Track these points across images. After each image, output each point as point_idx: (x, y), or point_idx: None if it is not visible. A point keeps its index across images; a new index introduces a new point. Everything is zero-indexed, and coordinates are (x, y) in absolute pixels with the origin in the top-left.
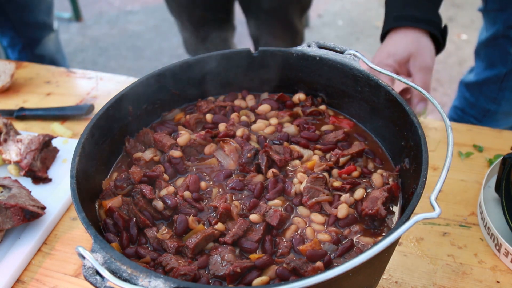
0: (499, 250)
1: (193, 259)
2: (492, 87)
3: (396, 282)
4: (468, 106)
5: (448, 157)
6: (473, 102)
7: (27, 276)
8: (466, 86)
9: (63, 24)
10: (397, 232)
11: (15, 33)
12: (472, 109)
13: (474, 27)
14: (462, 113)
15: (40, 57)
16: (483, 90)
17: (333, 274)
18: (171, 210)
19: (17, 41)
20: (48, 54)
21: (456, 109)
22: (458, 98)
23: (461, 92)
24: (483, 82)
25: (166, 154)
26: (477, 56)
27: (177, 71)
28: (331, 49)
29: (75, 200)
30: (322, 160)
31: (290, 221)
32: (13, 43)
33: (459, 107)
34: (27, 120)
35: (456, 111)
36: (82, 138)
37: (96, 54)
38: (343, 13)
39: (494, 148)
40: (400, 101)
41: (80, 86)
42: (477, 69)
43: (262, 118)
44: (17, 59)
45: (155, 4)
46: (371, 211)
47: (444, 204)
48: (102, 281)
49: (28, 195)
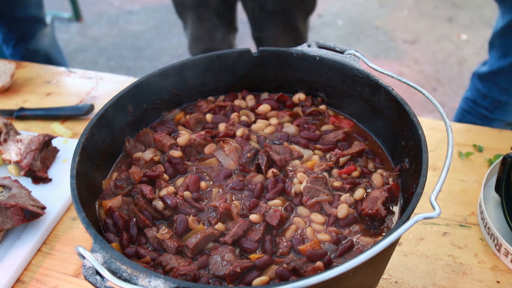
0: (499, 250)
1: (193, 259)
2: (506, 77)
3: (396, 282)
4: (480, 97)
5: (448, 157)
6: (485, 93)
7: (27, 276)
8: (479, 77)
9: (63, 24)
10: (397, 232)
11: (7, 28)
12: (484, 100)
13: (474, 27)
14: (473, 105)
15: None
16: (496, 80)
17: (333, 274)
18: (171, 210)
19: (11, 36)
20: (42, 49)
21: (468, 100)
22: (470, 89)
23: (473, 83)
24: (496, 71)
25: (166, 154)
26: (491, 47)
27: (177, 71)
28: (331, 49)
29: (75, 200)
30: (322, 160)
31: (290, 221)
32: (7, 38)
33: (471, 99)
34: (27, 120)
35: (467, 102)
36: (82, 138)
37: (96, 54)
38: (343, 13)
39: (494, 148)
40: (400, 101)
41: (80, 86)
42: (490, 60)
43: (262, 118)
44: (11, 55)
45: (155, 4)
46: (371, 211)
47: (444, 204)
48: (102, 281)
49: (28, 195)
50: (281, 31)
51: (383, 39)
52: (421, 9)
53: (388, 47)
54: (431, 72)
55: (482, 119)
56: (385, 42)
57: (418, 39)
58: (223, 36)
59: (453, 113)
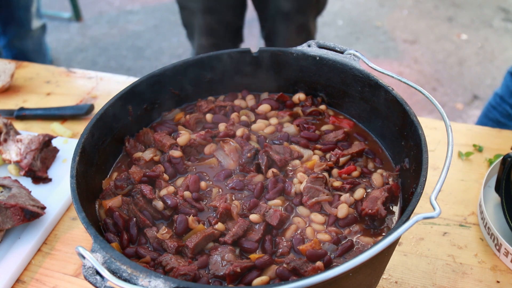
0: (499, 250)
1: (193, 259)
2: None
3: (396, 282)
4: (508, 94)
5: (448, 157)
6: None
7: (27, 276)
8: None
9: (63, 24)
10: (397, 232)
11: None
12: (511, 98)
13: (474, 27)
14: (500, 101)
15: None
16: None
17: (333, 274)
18: (171, 210)
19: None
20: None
21: (496, 96)
22: (501, 86)
23: (505, 80)
24: None
25: (166, 154)
26: None
27: (177, 71)
28: (331, 49)
29: (75, 200)
30: (322, 160)
31: (290, 221)
32: None
33: (499, 94)
34: (27, 120)
35: (495, 97)
36: (82, 138)
37: (96, 54)
38: (343, 13)
39: (494, 148)
40: (400, 101)
41: (80, 86)
42: None
43: (262, 118)
44: None
45: (155, 4)
46: (371, 211)
47: (444, 204)
48: (102, 281)
49: (28, 195)
50: (293, 30)
51: (383, 39)
52: (421, 9)
53: (388, 47)
54: (431, 72)
55: (505, 117)
56: (385, 42)
57: (418, 39)
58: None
59: (453, 113)
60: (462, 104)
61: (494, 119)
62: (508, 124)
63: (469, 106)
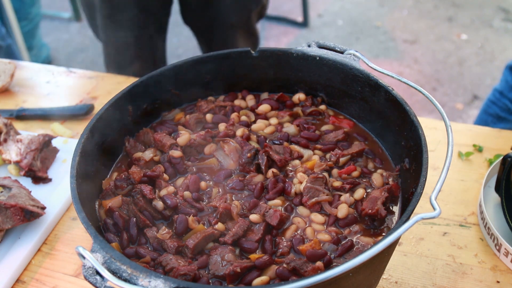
0: (499, 250)
1: (193, 259)
2: None
3: (396, 282)
4: (507, 89)
5: (448, 157)
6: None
7: (27, 276)
8: (510, 69)
9: (63, 24)
10: (397, 232)
11: None
12: (510, 92)
13: (474, 27)
14: (500, 96)
15: None
16: None
17: (333, 274)
18: (171, 210)
19: None
20: None
21: (495, 91)
22: (500, 81)
23: (504, 75)
24: None
25: (166, 154)
26: None
27: (177, 71)
28: (331, 49)
29: (75, 200)
30: (322, 160)
31: (290, 221)
32: None
33: (499, 90)
34: (27, 120)
35: (494, 93)
36: (82, 138)
37: (96, 54)
38: (343, 13)
39: (494, 148)
40: (400, 101)
41: (80, 86)
42: None
43: (262, 118)
44: None
45: None
46: (371, 211)
47: (444, 204)
48: (102, 281)
49: (28, 195)
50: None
51: (383, 39)
52: (421, 9)
53: (388, 47)
54: (431, 72)
55: (505, 111)
56: (385, 42)
57: (418, 39)
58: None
59: (453, 113)
60: (462, 104)
61: (494, 114)
62: (508, 118)
63: (469, 106)
